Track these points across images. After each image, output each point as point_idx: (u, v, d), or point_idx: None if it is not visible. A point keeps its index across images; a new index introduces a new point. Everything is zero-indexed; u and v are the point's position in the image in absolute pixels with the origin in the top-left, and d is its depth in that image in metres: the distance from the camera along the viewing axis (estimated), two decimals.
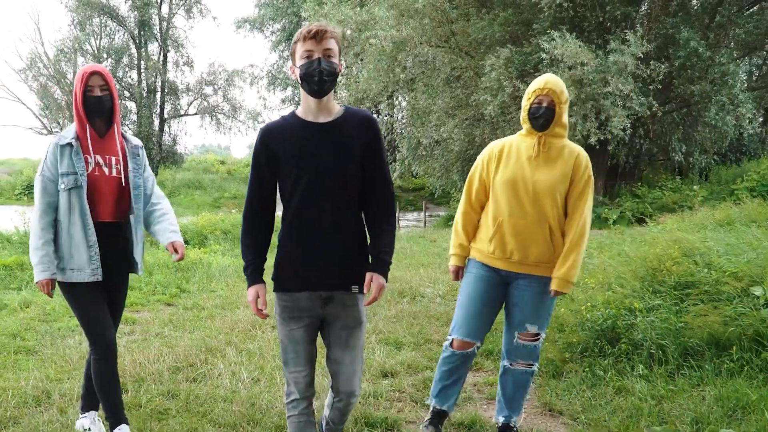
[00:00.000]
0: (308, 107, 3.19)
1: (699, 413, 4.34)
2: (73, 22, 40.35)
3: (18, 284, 9.28)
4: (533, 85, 3.93)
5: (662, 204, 18.74)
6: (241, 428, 4.29)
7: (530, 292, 3.99)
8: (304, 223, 3.18)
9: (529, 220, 3.88)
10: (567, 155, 3.93)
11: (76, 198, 3.82)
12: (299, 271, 3.22)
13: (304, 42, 3.10)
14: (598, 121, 18.04)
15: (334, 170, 3.15)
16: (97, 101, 3.86)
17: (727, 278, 5.77)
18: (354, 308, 3.28)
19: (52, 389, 4.96)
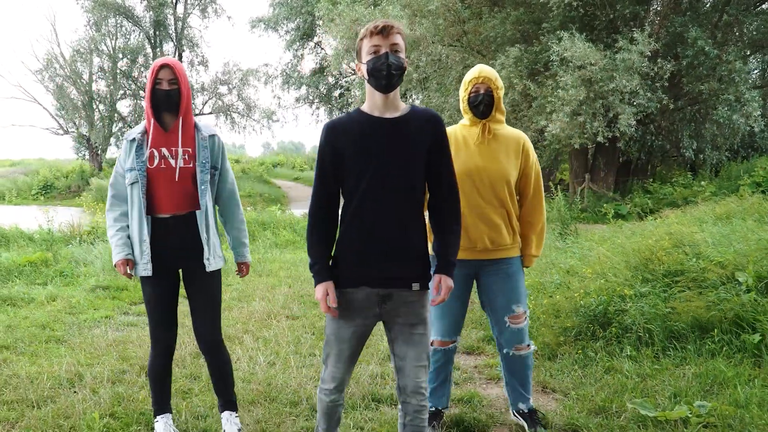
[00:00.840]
0: (374, 103, 3.20)
1: (678, 388, 4.72)
2: (89, 22, 40.68)
3: (43, 279, 9.69)
4: (468, 75, 4.09)
5: (673, 200, 18.92)
6: (259, 404, 4.70)
7: (504, 276, 4.16)
8: (366, 219, 3.16)
9: (488, 208, 4.07)
10: (513, 142, 4.13)
11: (136, 193, 3.92)
12: (359, 267, 3.20)
13: (371, 38, 3.12)
14: (607, 119, 18.31)
15: (399, 166, 3.16)
16: (165, 95, 3.90)
17: (713, 267, 6.13)
18: (416, 305, 3.22)
19: (84, 372, 5.39)
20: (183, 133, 3.98)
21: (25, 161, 55.22)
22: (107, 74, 40.86)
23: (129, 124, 41.21)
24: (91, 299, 8.37)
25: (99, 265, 10.20)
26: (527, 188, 4.21)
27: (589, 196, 20.24)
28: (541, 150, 20.98)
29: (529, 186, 4.21)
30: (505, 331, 4.24)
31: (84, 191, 32.38)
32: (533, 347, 4.41)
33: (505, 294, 4.17)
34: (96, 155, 41.26)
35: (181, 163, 3.94)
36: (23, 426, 4.30)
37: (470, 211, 4.05)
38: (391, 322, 3.24)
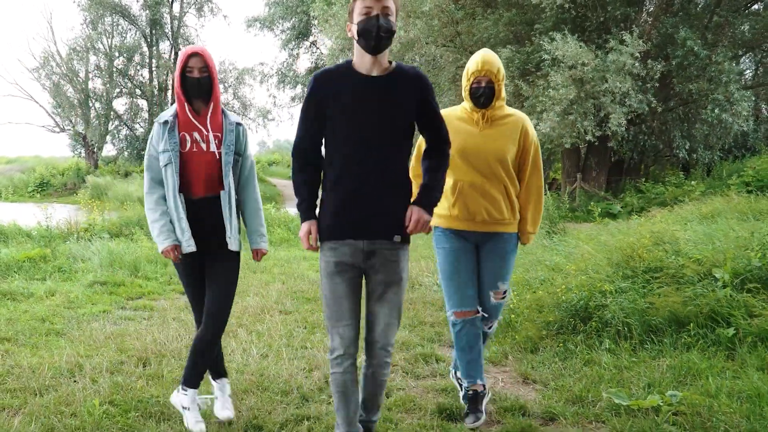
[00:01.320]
0: (362, 62, 3.30)
1: (653, 379, 4.94)
2: (85, 21, 40.78)
3: (42, 275, 9.86)
4: (471, 66, 4.27)
5: (664, 199, 19.04)
6: (252, 393, 4.91)
7: (499, 254, 4.43)
8: (351, 172, 3.28)
9: (486, 182, 4.29)
10: (512, 123, 4.35)
11: (171, 174, 4.07)
12: (344, 219, 3.32)
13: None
14: (597, 119, 18.51)
15: (384, 123, 3.27)
16: (196, 83, 4.05)
17: (691, 264, 6.35)
18: (395, 264, 3.36)
19: (83, 363, 5.58)
20: (213, 119, 4.17)
21: (22, 158, 55.24)
22: (103, 72, 40.98)
23: (125, 122, 41.37)
24: (89, 294, 8.57)
25: (96, 261, 10.39)
26: (525, 165, 4.44)
27: (580, 195, 20.46)
28: None
29: (527, 164, 4.44)
30: (487, 305, 4.52)
31: (80, 189, 32.53)
32: (495, 327, 4.73)
33: (494, 271, 4.45)
34: (92, 153, 41.38)
35: (213, 147, 4.14)
36: (26, 412, 4.50)
37: (470, 186, 4.31)
38: (370, 277, 3.40)
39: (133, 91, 41.86)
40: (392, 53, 21.93)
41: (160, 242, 4.13)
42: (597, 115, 18.40)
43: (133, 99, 41.97)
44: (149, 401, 4.70)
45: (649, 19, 21.23)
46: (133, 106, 42.01)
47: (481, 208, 4.34)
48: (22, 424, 4.28)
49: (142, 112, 42.02)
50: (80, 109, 40.61)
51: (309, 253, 12.58)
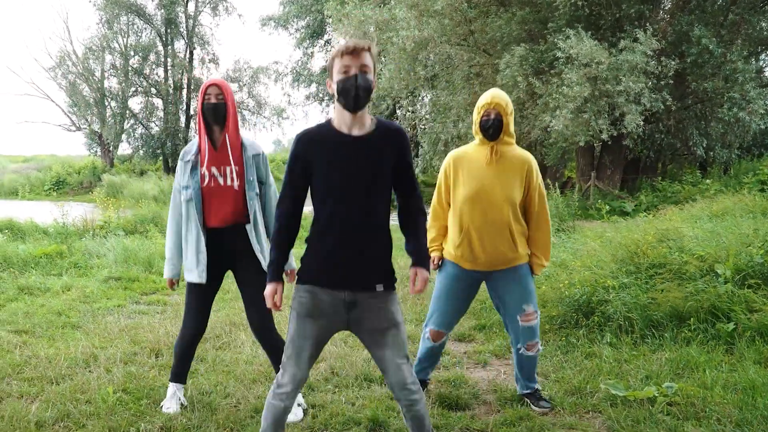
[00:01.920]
0: (343, 120, 3.32)
1: (650, 371, 5.06)
2: (101, 20, 40.98)
3: (58, 270, 10.06)
4: (481, 100, 4.45)
5: (681, 197, 18.96)
6: (260, 383, 5.07)
7: (513, 278, 4.55)
8: (334, 225, 3.30)
9: (491, 227, 4.43)
10: (519, 163, 4.49)
11: (192, 209, 4.35)
12: (324, 269, 3.32)
13: (342, 57, 3.24)
14: (612, 118, 18.51)
15: (366, 179, 3.30)
16: (213, 108, 4.29)
17: (693, 260, 6.46)
18: (381, 310, 3.34)
19: (98, 354, 5.77)
20: (232, 152, 4.37)
21: (38, 157, 55.70)
22: (119, 71, 41.25)
23: (140, 121, 41.61)
24: (104, 289, 8.76)
25: (111, 257, 10.58)
26: (531, 206, 4.57)
27: (594, 193, 20.46)
28: (548, 148, 21.24)
29: (534, 204, 4.56)
30: (517, 330, 4.64)
31: (96, 187, 32.81)
32: (540, 348, 4.77)
33: (514, 295, 4.58)
34: (108, 152, 41.72)
35: (229, 181, 4.35)
36: (43, 399, 4.68)
37: (476, 229, 4.46)
38: (358, 329, 3.38)
39: (149, 90, 42.08)
40: (406, 53, 22.04)
41: (165, 271, 4.64)
42: (611, 114, 18.40)
43: (148, 98, 42.18)
44: (161, 389, 4.87)
45: (666, 16, 21.20)
46: (148, 104, 42.22)
47: (485, 252, 4.48)
48: (39, 410, 4.46)
49: (158, 110, 42.22)
50: (96, 108, 40.93)
51: None
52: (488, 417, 4.48)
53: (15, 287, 8.62)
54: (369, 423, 4.31)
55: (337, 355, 5.78)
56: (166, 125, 40.51)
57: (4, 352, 5.85)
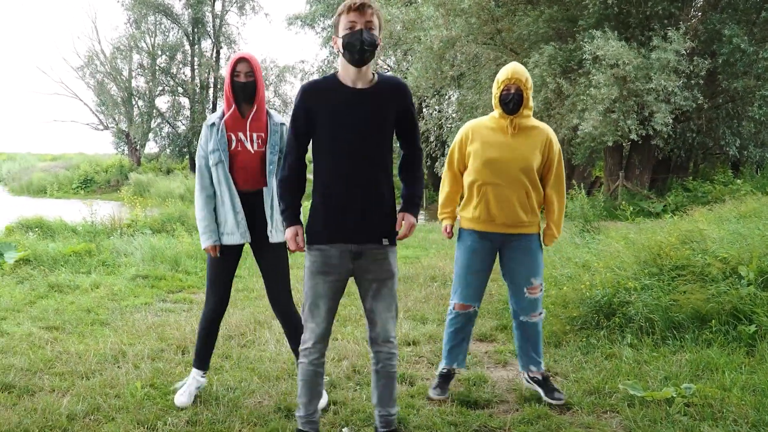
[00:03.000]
0: (347, 74, 3.48)
1: (670, 372, 5.09)
2: (129, 20, 41.48)
3: (87, 268, 10.22)
4: (501, 75, 4.59)
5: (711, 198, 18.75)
6: (283, 380, 5.16)
7: (525, 251, 4.73)
8: (339, 180, 3.47)
9: (508, 188, 4.59)
10: (537, 134, 4.66)
11: (222, 171, 4.45)
12: (332, 225, 3.50)
13: (348, 14, 3.39)
14: (641, 117, 18.42)
15: (370, 132, 3.46)
16: (243, 86, 4.41)
17: (716, 262, 6.47)
18: (384, 261, 3.55)
19: (126, 350, 5.90)
20: (257, 120, 4.51)
21: (66, 156, 56.38)
22: (146, 71, 41.71)
23: (167, 120, 42.00)
24: (132, 287, 8.91)
25: (139, 256, 10.74)
26: (549, 176, 4.76)
27: (623, 193, 20.36)
28: (575, 148, 21.18)
29: (551, 174, 4.76)
30: (522, 301, 4.81)
31: (123, 186, 33.17)
32: (544, 313, 4.97)
33: (525, 267, 4.75)
34: (135, 150, 42.19)
35: (256, 146, 4.50)
36: (74, 393, 4.82)
37: (492, 190, 4.62)
38: (361, 277, 3.59)
39: (176, 89, 42.47)
40: (432, 51, 22.06)
41: (203, 240, 4.58)
42: (640, 113, 18.31)
43: (175, 97, 42.59)
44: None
45: (698, 14, 21.06)
46: (175, 104, 42.64)
47: (501, 211, 4.64)
48: (70, 404, 4.60)
49: (184, 109, 42.60)
50: (123, 107, 41.43)
51: None
52: (506, 415, 4.54)
53: (45, 284, 8.80)
54: None
55: (359, 353, 5.87)
56: (193, 124, 40.86)
57: (36, 347, 6.01)
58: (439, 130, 26.21)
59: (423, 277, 9.60)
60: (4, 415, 4.40)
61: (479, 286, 4.85)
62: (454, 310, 4.90)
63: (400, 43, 26.13)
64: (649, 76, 17.52)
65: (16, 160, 51.48)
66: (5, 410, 4.51)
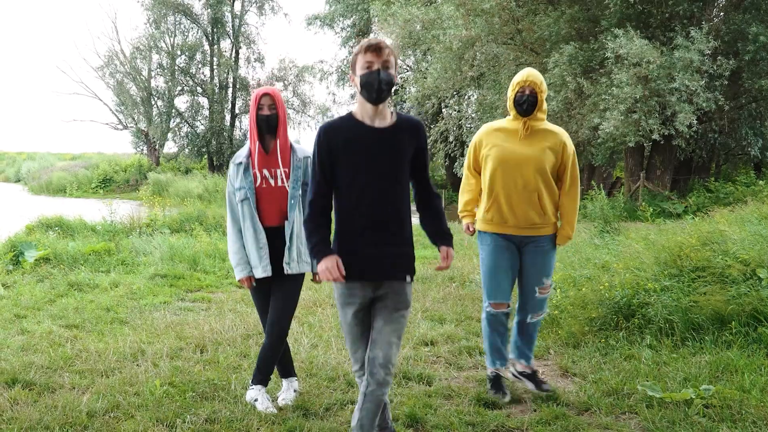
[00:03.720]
0: (365, 112, 3.52)
1: (689, 374, 5.06)
2: (148, 20, 41.54)
3: (107, 267, 10.32)
4: (516, 78, 4.68)
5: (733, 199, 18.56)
6: (301, 379, 5.17)
7: (538, 253, 4.81)
8: (361, 217, 3.49)
9: (520, 192, 4.67)
10: (550, 136, 4.74)
11: (248, 208, 4.59)
12: (355, 262, 3.50)
13: (365, 53, 3.45)
14: (663, 117, 18.29)
15: (389, 170, 3.49)
16: (266, 119, 4.54)
17: (736, 263, 6.42)
18: (403, 294, 3.57)
19: (145, 348, 5.95)
20: (282, 155, 4.62)
21: (86, 155, 56.80)
22: (166, 71, 41.85)
23: (186, 119, 42.13)
24: (151, 286, 8.97)
25: (157, 255, 10.82)
26: (564, 176, 4.82)
27: (644, 194, 20.23)
28: (596, 148, 21.05)
29: (566, 175, 4.82)
30: (532, 300, 4.91)
31: (142, 185, 33.36)
32: (546, 312, 5.07)
33: (538, 268, 4.83)
34: (154, 150, 42.38)
35: (280, 182, 4.61)
36: (94, 391, 4.86)
37: (505, 193, 4.70)
38: (378, 303, 3.59)
39: (195, 89, 42.57)
40: (452, 51, 22.00)
41: (237, 273, 4.73)
42: (662, 113, 18.18)
43: (194, 97, 42.68)
44: (205, 383, 5.03)
45: (721, 14, 20.89)
46: (194, 103, 42.72)
47: (512, 213, 4.72)
48: (90, 401, 4.65)
49: (203, 109, 42.67)
50: (143, 107, 41.63)
51: None
52: (523, 416, 4.54)
53: (65, 283, 8.88)
54: (406, 419, 4.40)
55: None
56: (212, 124, 40.97)
57: (56, 345, 6.06)
58: (459, 130, 26.10)
59: (441, 278, 9.61)
60: (26, 412, 4.44)
61: (509, 284, 4.90)
62: (489, 310, 4.93)
63: (419, 43, 26.10)
64: (672, 75, 17.39)
65: (36, 160, 51.93)
66: (26, 407, 4.56)
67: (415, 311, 7.46)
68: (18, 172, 49.21)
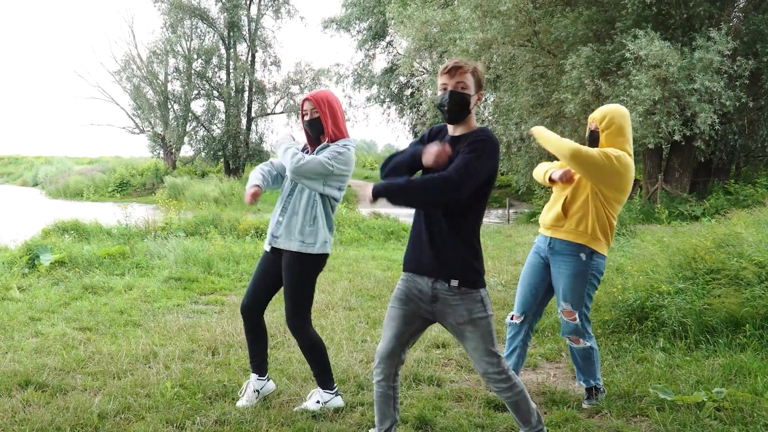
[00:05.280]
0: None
1: (702, 377, 5.03)
2: (165, 24, 41.72)
3: (121, 270, 10.36)
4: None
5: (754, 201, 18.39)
6: (312, 381, 5.17)
7: (560, 270, 4.68)
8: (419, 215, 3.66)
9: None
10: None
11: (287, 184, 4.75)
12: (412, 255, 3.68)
13: (441, 75, 3.59)
14: (683, 118, 18.19)
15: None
16: (309, 123, 4.66)
17: (751, 266, 6.37)
18: (459, 307, 3.56)
19: (157, 351, 5.97)
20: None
21: (102, 159, 57.18)
22: (182, 75, 42.02)
23: (202, 123, 42.29)
24: (165, 289, 9.00)
25: (172, 258, 10.84)
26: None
27: (662, 196, 20.11)
28: None
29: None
30: (561, 319, 4.85)
31: (159, 188, 33.52)
32: (586, 344, 4.80)
33: (558, 288, 4.77)
34: (170, 154, 42.55)
35: None
36: (106, 392, 4.88)
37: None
38: (443, 322, 3.67)
39: (211, 93, 42.71)
40: (468, 54, 21.94)
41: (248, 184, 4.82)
42: (682, 114, 18.08)
43: (210, 101, 42.83)
44: (216, 385, 5.03)
45: (740, 15, 20.78)
46: (210, 107, 42.86)
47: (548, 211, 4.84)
48: (102, 402, 4.66)
49: (219, 113, 42.80)
50: (159, 111, 41.77)
51: (377, 252, 12.85)
52: None
53: (80, 286, 8.93)
54: (416, 421, 4.39)
55: None
56: (228, 128, 41.07)
57: (69, 347, 6.09)
58: None
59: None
60: (38, 413, 4.46)
61: (529, 298, 4.88)
62: (509, 321, 5.03)
63: (435, 45, 26.09)
64: (692, 76, 17.31)
65: (53, 164, 52.27)
66: (38, 408, 4.58)
67: None
68: (35, 176, 49.55)
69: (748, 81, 18.58)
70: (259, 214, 19.55)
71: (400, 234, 15.83)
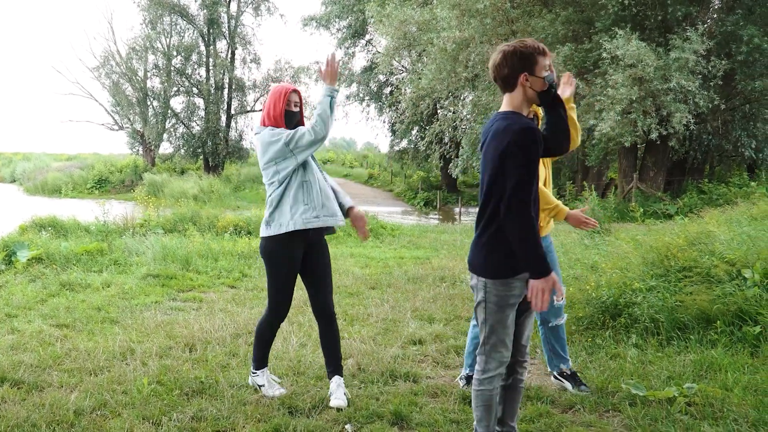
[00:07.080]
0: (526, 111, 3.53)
1: (673, 372, 5.11)
2: (144, 20, 41.55)
3: (99, 267, 10.32)
4: None
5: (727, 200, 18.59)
6: (288, 378, 5.22)
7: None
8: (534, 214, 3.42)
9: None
10: None
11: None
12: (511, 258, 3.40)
13: (546, 57, 3.44)
14: (659, 117, 18.35)
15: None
16: (293, 114, 4.85)
17: (722, 263, 6.47)
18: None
19: (134, 348, 5.98)
20: None
21: (81, 156, 56.78)
22: (161, 71, 41.88)
23: (182, 120, 42.15)
24: (143, 286, 8.99)
25: (150, 255, 10.82)
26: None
27: (636, 195, 20.28)
28: (590, 149, 21.09)
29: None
30: (552, 307, 4.93)
31: (137, 185, 33.38)
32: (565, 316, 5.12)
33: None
34: (149, 151, 42.38)
35: None
36: (82, 389, 4.90)
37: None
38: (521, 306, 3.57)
39: (190, 90, 42.58)
40: (446, 53, 22.01)
41: None
42: (658, 113, 18.24)
43: (190, 97, 42.69)
44: (193, 382, 5.06)
45: (714, 15, 20.98)
46: (189, 104, 42.72)
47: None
48: (78, 399, 4.68)
49: (199, 110, 42.67)
50: (138, 108, 41.62)
51: (356, 250, 12.88)
52: None
53: (57, 283, 8.90)
54: (392, 417, 4.44)
55: (364, 351, 5.91)
56: (207, 125, 40.96)
57: (46, 344, 6.09)
58: (454, 132, 26.15)
59: (432, 278, 9.64)
60: (13, 410, 4.47)
61: None
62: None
63: (414, 44, 26.17)
64: (667, 76, 17.46)
65: (31, 160, 51.90)
66: (14, 405, 4.59)
67: (404, 310, 7.51)
68: (13, 173, 49.16)
69: (721, 82, 18.77)
70: (238, 211, 19.52)
71: (379, 231, 15.86)
